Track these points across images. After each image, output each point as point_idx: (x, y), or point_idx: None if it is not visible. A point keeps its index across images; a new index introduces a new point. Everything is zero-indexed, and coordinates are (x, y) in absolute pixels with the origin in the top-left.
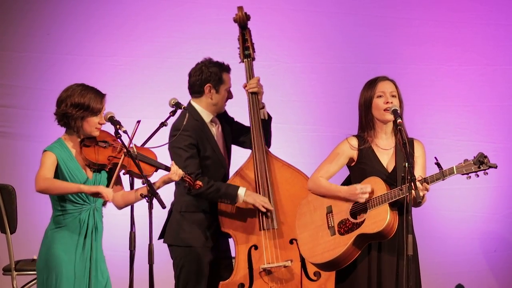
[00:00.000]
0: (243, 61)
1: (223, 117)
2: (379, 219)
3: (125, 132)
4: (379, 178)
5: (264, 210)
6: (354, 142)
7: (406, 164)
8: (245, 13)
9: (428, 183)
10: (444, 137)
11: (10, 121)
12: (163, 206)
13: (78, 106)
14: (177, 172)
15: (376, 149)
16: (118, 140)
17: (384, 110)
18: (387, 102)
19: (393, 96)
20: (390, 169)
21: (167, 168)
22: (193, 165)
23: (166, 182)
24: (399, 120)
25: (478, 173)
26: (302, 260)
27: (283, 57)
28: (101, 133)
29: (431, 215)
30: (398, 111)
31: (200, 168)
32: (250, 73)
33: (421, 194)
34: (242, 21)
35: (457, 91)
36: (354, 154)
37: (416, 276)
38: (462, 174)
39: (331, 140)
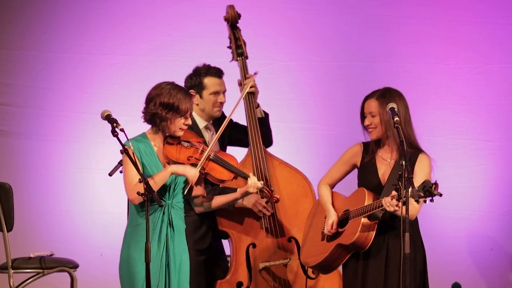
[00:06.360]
0: (236, 60)
1: (229, 124)
2: (353, 231)
3: (122, 130)
4: (364, 189)
5: (267, 213)
6: (357, 149)
7: (404, 162)
8: (237, 11)
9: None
10: (441, 135)
11: (7, 119)
12: (160, 205)
13: (167, 107)
14: (254, 185)
15: (378, 159)
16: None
17: (367, 130)
18: (368, 124)
19: (372, 116)
20: (384, 180)
21: (246, 176)
22: None
23: (244, 194)
24: (396, 119)
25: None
26: None
27: (279, 55)
28: (186, 133)
29: (428, 213)
30: (395, 109)
31: None
32: (244, 72)
33: (392, 209)
34: (234, 20)
35: (454, 89)
36: (358, 160)
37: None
38: (415, 200)
39: (327, 138)
